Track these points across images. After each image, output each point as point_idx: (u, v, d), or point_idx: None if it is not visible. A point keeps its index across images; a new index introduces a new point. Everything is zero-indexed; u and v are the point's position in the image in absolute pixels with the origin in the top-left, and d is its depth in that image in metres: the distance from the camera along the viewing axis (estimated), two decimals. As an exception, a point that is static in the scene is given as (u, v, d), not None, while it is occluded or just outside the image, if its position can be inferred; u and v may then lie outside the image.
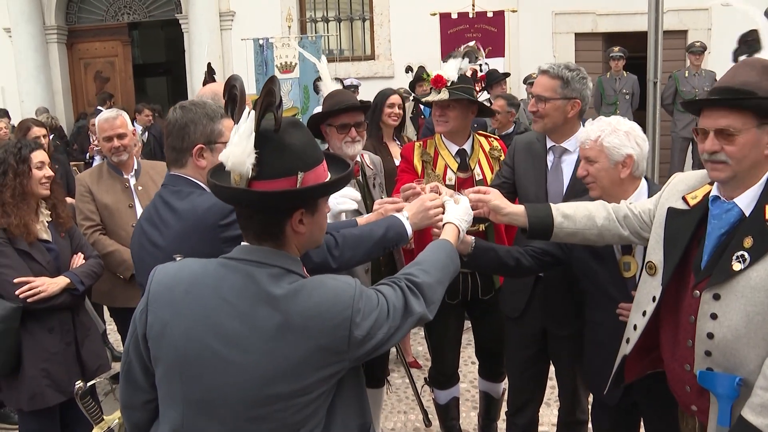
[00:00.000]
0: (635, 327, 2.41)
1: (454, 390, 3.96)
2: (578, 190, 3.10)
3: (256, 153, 1.69)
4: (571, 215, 2.53)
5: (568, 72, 3.10)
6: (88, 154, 9.16)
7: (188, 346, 1.73)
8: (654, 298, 2.32)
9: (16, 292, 3.19)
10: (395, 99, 5.22)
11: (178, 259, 1.99)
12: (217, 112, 2.36)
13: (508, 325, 3.47)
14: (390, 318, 1.81)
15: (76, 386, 2.98)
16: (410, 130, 7.38)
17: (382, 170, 3.76)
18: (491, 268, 3.06)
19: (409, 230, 2.47)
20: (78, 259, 3.47)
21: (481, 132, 3.87)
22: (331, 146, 3.47)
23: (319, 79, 3.80)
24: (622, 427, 2.93)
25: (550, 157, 3.24)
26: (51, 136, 9.38)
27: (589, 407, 3.21)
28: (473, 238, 2.78)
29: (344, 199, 2.76)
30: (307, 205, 1.78)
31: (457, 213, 2.43)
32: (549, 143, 3.24)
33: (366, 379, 3.84)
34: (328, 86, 3.59)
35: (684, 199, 2.29)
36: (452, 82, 3.44)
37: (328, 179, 1.84)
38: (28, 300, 3.21)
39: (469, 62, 3.54)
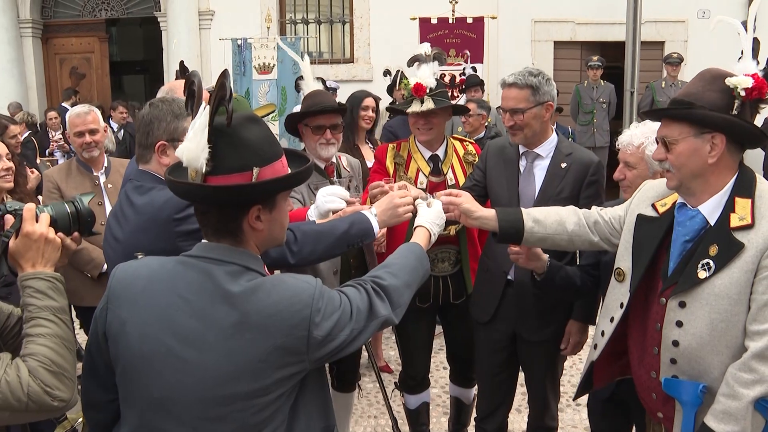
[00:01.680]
0: (603, 333, 2.43)
1: (425, 395, 3.93)
2: (549, 195, 3.12)
3: (209, 148, 1.66)
4: (542, 220, 2.54)
5: (534, 78, 3.07)
6: (47, 150, 9.05)
7: (144, 344, 1.70)
8: (622, 305, 2.34)
9: None
10: (369, 102, 5.23)
11: (139, 257, 1.98)
12: (182, 110, 2.31)
13: (478, 330, 3.45)
14: (353, 320, 1.77)
15: None
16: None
17: (360, 173, 3.74)
18: (561, 287, 2.93)
19: (376, 227, 2.44)
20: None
21: (456, 136, 3.85)
22: (306, 146, 3.48)
23: (301, 78, 3.77)
24: (614, 416, 2.96)
25: (522, 162, 3.23)
26: (28, 132, 9.32)
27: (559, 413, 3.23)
28: (547, 256, 2.79)
29: (333, 198, 2.68)
30: (264, 201, 1.75)
31: (428, 216, 2.39)
32: (522, 149, 3.23)
33: (337, 383, 3.92)
34: (310, 86, 3.57)
35: (653, 206, 2.32)
36: (430, 89, 3.39)
37: (284, 175, 1.80)
38: None
39: (439, 64, 3.50)
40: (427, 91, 3.38)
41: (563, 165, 3.16)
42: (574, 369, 5.09)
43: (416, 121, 3.47)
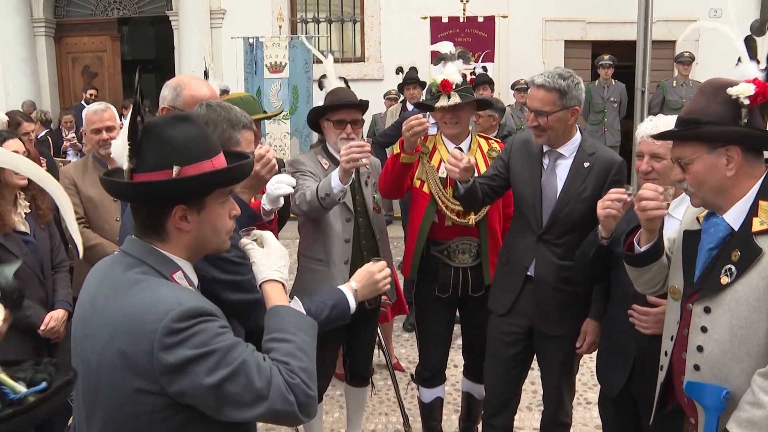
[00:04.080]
0: (666, 353, 2.39)
1: (439, 390, 3.95)
2: (572, 194, 3.16)
3: (129, 145, 1.65)
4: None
5: (563, 81, 3.08)
6: (61, 149, 9.12)
7: (74, 340, 1.74)
8: (678, 322, 2.30)
9: (39, 331, 3.31)
10: None
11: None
12: (240, 120, 2.31)
13: (494, 322, 3.46)
14: (231, 369, 1.55)
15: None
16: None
17: (378, 172, 3.80)
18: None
19: (353, 307, 2.25)
20: (50, 321, 3.39)
21: (481, 134, 3.94)
22: (327, 140, 3.59)
23: (324, 76, 3.87)
24: (624, 414, 2.96)
25: (545, 160, 3.26)
26: (44, 131, 9.41)
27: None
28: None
29: (280, 184, 2.76)
30: (187, 200, 1.69)
31: (270, 264, 1.95)
32: (545, 147, 3.25)
33: (350, 378, 3.94)
34: (333, 83, 3.69)
35: (697, 218, 2.28)
36: (457, 84, 3.52)
37: (199, 173, 1.68)
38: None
39: (463, 63, 3.63)
40: (454, 87, 3.50)
41: (586, 165, 3.18)
42: (585, 368, 5.10)
43: (443, 116, 3.61)
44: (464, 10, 10.12)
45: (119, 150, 1.67)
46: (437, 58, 3.68)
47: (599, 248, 2.81)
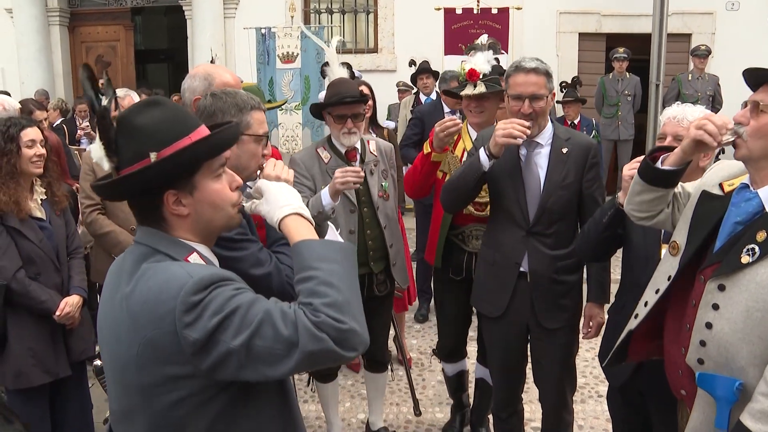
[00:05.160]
0: (646, 303, 2.36)
1: (461, 364, 4.13)
2: (555, 182, 3.13)
3: (103, 144, 1.62)
4: None
5: (544, 65, 3.10)
6: (75, 137, 9.18)
7: (100, 338, 1.72)
8: (669, 278, 2.27)
9: (55, 317, 3.33)
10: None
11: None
12: (247, 103, 2.31)
13: (489, 325, 3.41)
14: (253, 327, 1.48)
15: (95, 363, 3.11)
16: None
17: (392, 157, 3.83)
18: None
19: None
20: (66, 306, 3.41)
21: None
22: (331, 133, 3.63)
23: (327, 64, 3.86)
24: (632, 405, 2.95)
25: (522, 152, 3.19)
26: (60, 120, 9.45)
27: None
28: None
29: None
30: (176, 184, 1.62)
31: (275, 205, 1.80)
32: None
33: (367, 363, 3.97)
34: (336, 72, 3.66)
35: (721, 185, 2.22)
36: (484, 74, 3.59)
37: (174, 151, 1.61)
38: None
39: (494, 54, 3.69)
40: (480, 76, 3.58)
41: (564, 150, 3.15)
42: (595, 361, 5.09)
43: (469, 104, 3.69)
44: (478, 1, 10.06)
45: (98, 152, 1.64)
46: (469, 47, 3.82)
47: (616, 212, 2.74)
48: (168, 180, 1.61)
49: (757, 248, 1.98)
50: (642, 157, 2.45)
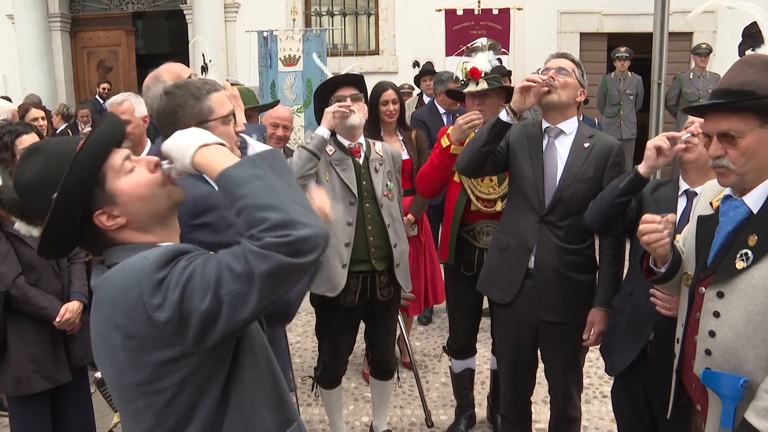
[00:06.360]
0: (678, 341, 2.35)
1: (470, 362, 4.18)
2: (573, 174, 3.14)
3: (19, 214, 1.62)
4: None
5: (577, 63, 3.25)
6: None
7: (95, 355, 1.71)
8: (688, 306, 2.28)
9: (55, 323, 3.31)
10: (388, 95, 4.74)
11: None
12: (202, 88, 2.24)
13: (500, 312, 3.44)
14: (214, 283, 1.43)
15: (96, 375, 3.11)
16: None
17: (399, 162, 3.89)
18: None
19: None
20: (66, 312, 3.39)
21: None
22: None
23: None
24: (636, 406, 2.94)
25: (545, 140, 3.25)
26: (65, 125, 9.46)
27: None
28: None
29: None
30: (93, 204, 1.59)
31: (183, 145, 1.61)
32: (545, 124, 3.24)
33: (373, 371, 3.96)
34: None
35: (711, 204, 2.25)
36: (486, 73, 3.72)
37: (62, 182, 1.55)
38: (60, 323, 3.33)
39: (494, 54, 3.81)
40: (482, 75, 3.71)
41: (586, 145, 3.17)
42: (599, 361, 5.07)
43: (472, 102, 3.81)
44: (479, 2, 10.05)
45: (24, 228, 1.64)
46: (469, 48, 3.89)
47: (635, 177, 2.76)
48: (81, 204, 1.57)
49: (750, 252, 2.01)
50: (667, 133, 2.67)
